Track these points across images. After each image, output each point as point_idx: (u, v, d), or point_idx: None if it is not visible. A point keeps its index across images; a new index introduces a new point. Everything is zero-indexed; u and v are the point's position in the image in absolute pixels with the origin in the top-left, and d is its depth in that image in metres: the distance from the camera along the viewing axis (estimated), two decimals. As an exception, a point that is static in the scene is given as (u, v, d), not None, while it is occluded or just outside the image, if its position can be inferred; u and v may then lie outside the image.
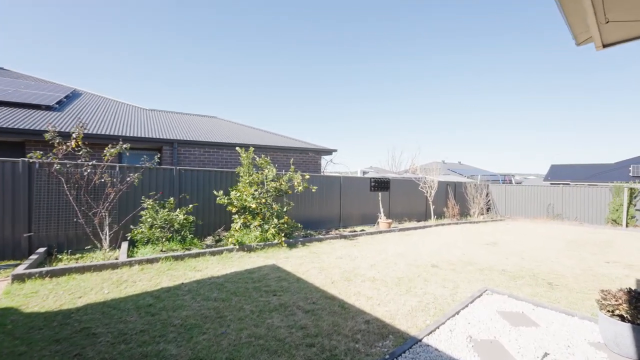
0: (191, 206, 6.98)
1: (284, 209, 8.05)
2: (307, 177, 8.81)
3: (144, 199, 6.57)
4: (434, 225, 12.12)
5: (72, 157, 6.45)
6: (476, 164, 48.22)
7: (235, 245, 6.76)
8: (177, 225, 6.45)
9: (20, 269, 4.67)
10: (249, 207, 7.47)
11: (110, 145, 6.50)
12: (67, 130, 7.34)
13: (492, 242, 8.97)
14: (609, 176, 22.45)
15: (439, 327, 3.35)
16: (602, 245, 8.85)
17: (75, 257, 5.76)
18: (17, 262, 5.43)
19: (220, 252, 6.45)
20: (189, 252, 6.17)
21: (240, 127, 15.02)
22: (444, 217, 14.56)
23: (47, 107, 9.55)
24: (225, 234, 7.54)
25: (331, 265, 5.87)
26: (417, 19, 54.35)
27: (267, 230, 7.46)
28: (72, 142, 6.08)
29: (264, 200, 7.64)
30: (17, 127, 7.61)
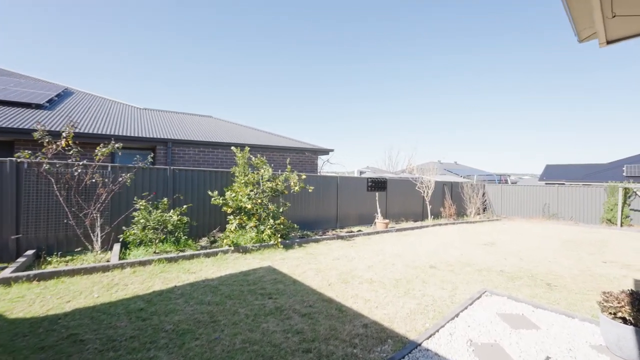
0: (185, 207, 6.84)
1: (280, 210, 7.95)
2: (303, 177, 8.72)
3: (137, 199, 6.42)
4: (431, 225, 12.09)
5: (62, 157, 6.28)
6: (472, 164, 48.41)
7: (230, 246, 6.64)
8: (170, 226, 6.32)
9: (6, 272, 4.52)
10: (245, 207, 7.36)
11: (102, 144, 6.35)
12: (58, 129, 7.17)
13: (490, 242, 8.95)
14: (603, 176, 22.64)
15: (438, 331, 3.27)
16: (599, 244, 8.87)
17: (65, 260, 5.60)
18: (3, 265, 5.24)
19: (215, 254, 6.33)
20: (182, 253, 6.04)
21: (235, 127, 14.87)
22: (441, 217, 14.55)
23: (38, 106, 9.34)
24: (220, 235, 7.41)
25: (328, 266, 5.78)
26: (417, 19, 54.43)
27: (263, 231, 7.35)
28: (62, 142, 5.91)
29: (259, 200, 7.53)
30: (5, 126, 7.41)
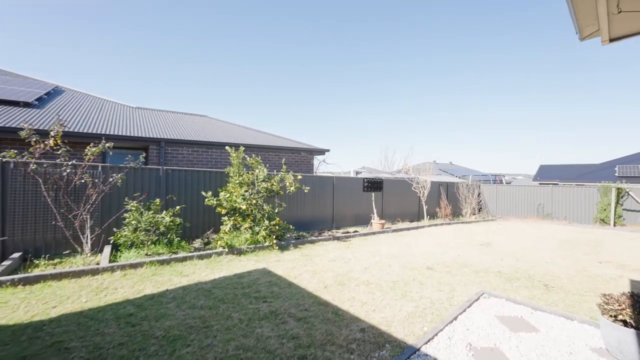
0: (178, 208, 6.70)
1: (276, 210, 7.84)
2: (299, 177, 8.61)
3: (128, 200, 6.27)
4: (427, 225, 12.07)
5: (51, 157, 6.10)
6: (466, 164, 48.73)
7: (224, 248, 6.51)
8: (163, 227, 6.17)
9: (-10, 276, 4.35)
10: (239, 208, 7.23)
11: (92, 144, 6.18)
12: (46, 128, 6.97)
13: (486, 242, 8.94)
14: (596, 176, 22.89)
15: (437, 335, 3.20)
16: (593, 244, 8.91)
17: (53, 263, 5.43)
18: (-12, 269, 5.07)
19: (208, 256, 6.19)
20: (175, 256, 5.90)
21: (230, 126, 14.70)
22: (437, 217, 14.55)
23: (26, 104, 9.10)
24: (214, 237, 7.27)
25: (324, 268, 5.69)
26: (417, 19, 54.59)
27: (257, 232, 7.23)
28: (51, 141, 5.74)
29: (254, 201, 7.41)
30: (-9, 124, 7.19)
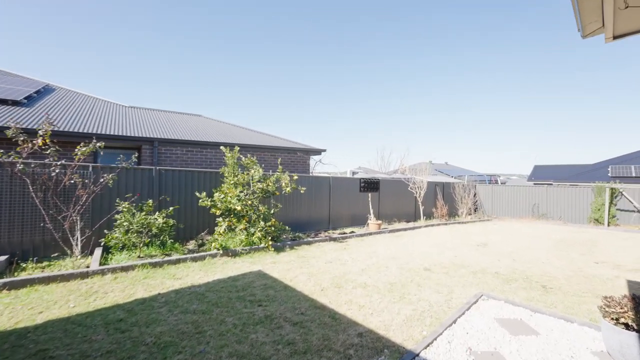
0: (172, 209, 6.56)
1: (271, 211, 7.73)
2: (295, 177, 8.52)
3: (120, 201, 6.11)
4: (424, 225, 12.05)
5: (40, 157, 5.93)
6: (462, 164, 48.90)
7: (219, 250, 6.39)
8: (155, 229, 6.02)
9: (-27, 280, 4.19)
10: (234, 209, 7.11)
11: (82, 143, 6.02)
12: (35, 126, 6.78)
13: (482, 242, 8.92)
14: (590, 176, 23.11)
15: (436, 339, 3.13)
16: (588, 244, 8.94)
17: (41, 266, 5.26)
18: (-27, 273, 4.89)
19: (202, 258, 6.07)
20: (168, 258, 5.77)
21: (225, 126, 14.54)
22: (433, 218, 14.55)
23: (14, 102, 8.87)
24: (208, 238, 7.14)
25: (320, 270, 5.60)
26: (417, 19, 54.65)
27: (253, 233, 7.12)
28: (39, 140, 5.59)
29: (249, 202, 7.29)
30: (-22, 123, 6.97)
